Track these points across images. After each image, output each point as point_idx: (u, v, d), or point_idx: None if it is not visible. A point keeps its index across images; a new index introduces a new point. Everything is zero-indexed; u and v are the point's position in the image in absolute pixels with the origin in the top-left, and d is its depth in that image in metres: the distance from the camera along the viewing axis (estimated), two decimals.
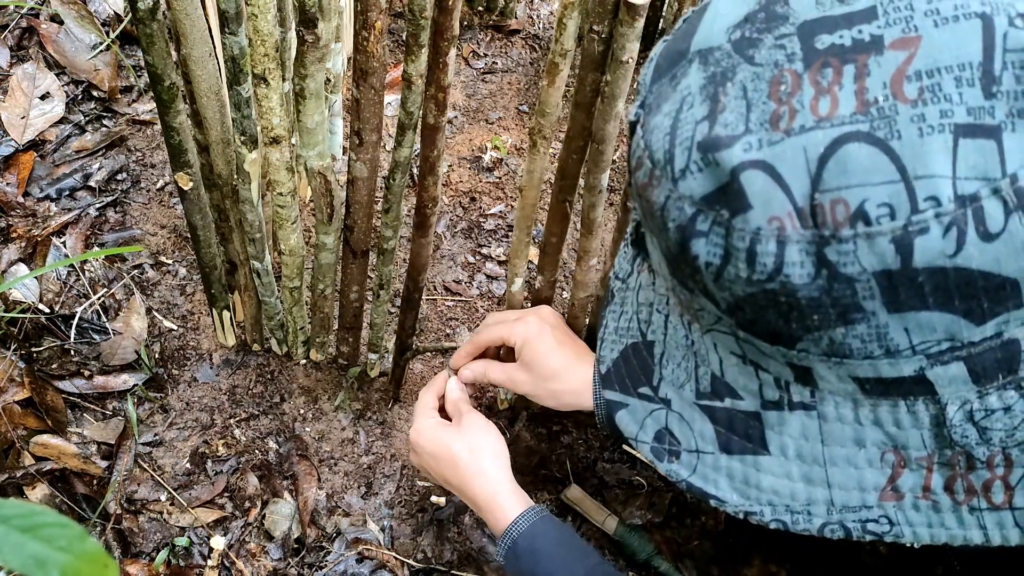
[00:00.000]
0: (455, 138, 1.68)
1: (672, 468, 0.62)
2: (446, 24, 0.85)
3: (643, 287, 0.66)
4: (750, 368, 0.57)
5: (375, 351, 1.32)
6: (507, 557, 0.98)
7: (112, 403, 1.30)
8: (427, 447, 1.06)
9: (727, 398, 0.59)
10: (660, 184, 0.54)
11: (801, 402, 0.56)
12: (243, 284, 1.24)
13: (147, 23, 0.89)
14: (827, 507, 0.57)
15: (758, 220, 0.49)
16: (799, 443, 0.57)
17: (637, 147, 0.57)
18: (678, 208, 0.52)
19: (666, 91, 0.56)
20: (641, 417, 0.64)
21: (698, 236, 0.52)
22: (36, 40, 1.63)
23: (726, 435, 0.60)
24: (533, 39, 1.86)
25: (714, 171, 0.50)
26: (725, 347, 0.57)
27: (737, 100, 0.51)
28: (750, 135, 0.49)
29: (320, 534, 1.24)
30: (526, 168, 1.00)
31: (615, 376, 0.66)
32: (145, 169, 1.54)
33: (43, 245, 1.42)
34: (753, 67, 0.51)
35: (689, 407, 0.61)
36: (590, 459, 1.35)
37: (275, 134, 0.98)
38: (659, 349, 0.63)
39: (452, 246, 1.54)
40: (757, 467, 0.59)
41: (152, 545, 1.20)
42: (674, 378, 0.62)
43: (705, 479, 0.61)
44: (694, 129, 0.52)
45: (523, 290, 1.17)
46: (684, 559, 1.28)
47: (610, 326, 0.70)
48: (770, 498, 0.59)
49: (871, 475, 0.55)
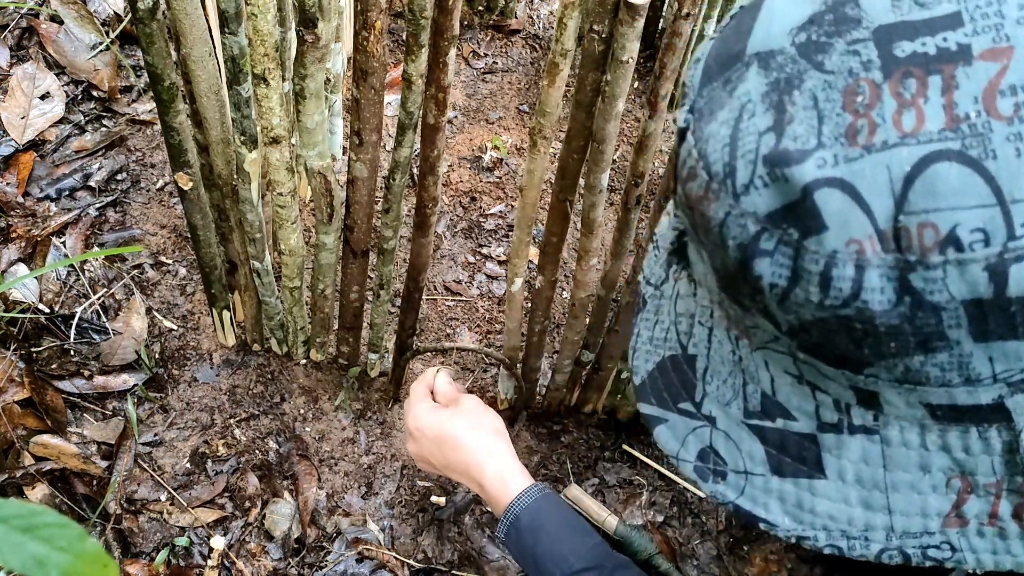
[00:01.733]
0: (455, 138, 1.68)
1: (718, 489, 0.59)
2: (446, 24, 0.85)
3: (682, 296, 0.63)
4: (806, 388, 0.55)
5: (375, 351, 1.32)
6: (508, 533, 0.99)
7: (112, 403, 1.30)
8: (427, 431, 1.06)
9: (779, 418, 0.56)
10: (719, 199, 0.50)
11: (863, 426, 0.54)
12: (243, 284, 1.24)
13: (147, 23, 0.89)
14: (886, 533, 0.55)
15: (834, 243, 0.46)
16: (859, 467, 0.55)
17: (689, 156, 0.53)
18: (740, 225, 0.49)
19: (720, 96, 0.52)
20: (682, 434, 0.61)
21: (762, 256, 0.49)
22: (36, 40, 1.63)
23: (778, 456, 0.57)
24: (533, 39, 1.86)
25: (782, 187, 0.47)
26: (779, 366, 0.55)
27: (807, 111, 0.47)
28: (823, 150, 0.46)
29: (320, 534, 1.24)
30: (526, 168, 1.00)
31: (651, 389, 0.64)
32: (145, 169, 1.54)
33: (43, 245, 1.42)
34: (823, 74, 0.48)
35: (736, 426, 0.59)
36: (590, 459, 1.35)
37: (275, 134, 0.98)
38: (702, 364, 0.61)
39: (452, 246, 1.54)
40: (812, 491, 0.56)
41: (152, 545, 1.20)
42: (719, 395, 0.59)
43: (754, 502, 0.58)
44: (758, 141, 0.49)
45: (523, 290, 1.17)
46: (684, 559, 1.28)
47: (643, 335, 0.67)
48: (825, 523, 0.56)
49: (935, 501, 0.53)
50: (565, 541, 0.96)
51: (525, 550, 0.97)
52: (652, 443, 1.38)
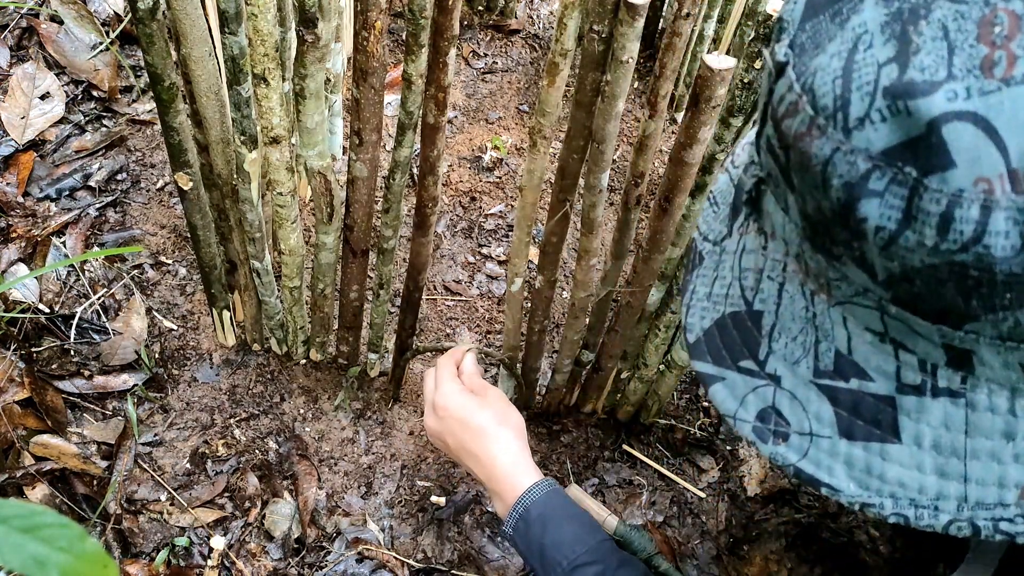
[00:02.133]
0: (455, 138, 1.68)
1: (778, 451, 0.56)
2: (446, 24, 0.85)
3: (748, 251, 0.60)
4: (889, 347, 0.52)
5: (375, 351, 1.32)
6: (516, 526, 0.99)
7: (112, 403, 1.30)
8: (453, 412, 1.06)
9: (854, 379, 0.53)
10: (825, 134, 0.47)
11: (948, 388, 0.51)
12: (243, 284, 1.24)
13: (147, 23, 0.89)
14: (958, 503, 0.52)
15: (961, 181, 0.43)
16: (938, 433, 0.52)
17: (790, 91, 0.50)
18: (848, 163, 0.46)
19: (828, 29, 0.49)
20: (742, 393, 0.58)
21: (870, 196, 0.45)
22: (36, 40, 1.63)
23: (849, 419, 0.54)
24: (533, 39, 1.86)
25: (904, 121, 0.44)
26: (860, 322, 0.52)
27: (936, 41, 0.44)
28: (955, 82, 0.43)
29: (320, 534, 1.24)
30: (526, 168, 1.00)
31: (708, 346, 0.61)
32: (145, 169, 1.54)
33: (43, 245, 1.42)
34: (955, 4, 0.44)
35: (804, 386, 0.55)
36: (590, 459, 1.35)
37: (275, 134, 0.98)
38: (769, 320, 0.57)
39: (452, 246, 1.54)
40: (884, 456, 0.53)
41: (152, 545, 1.20)
42: (787, 352, 0.56)
43: (818, 465, 0.55)
44: (877, 72, 0.45)
45: (523, 290, 1.17)
46: (684, 559, 1.28)
47: (700, 291, 0.63)
48: (893, 490, 0.53)
49: (1015, 471, 0.51)
50: (574, 533, 0.96)
51: (533, 541, 0.97)
52: (652, 443, 1.38)
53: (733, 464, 1.37)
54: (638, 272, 1.10)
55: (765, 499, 1.34)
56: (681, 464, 1.37)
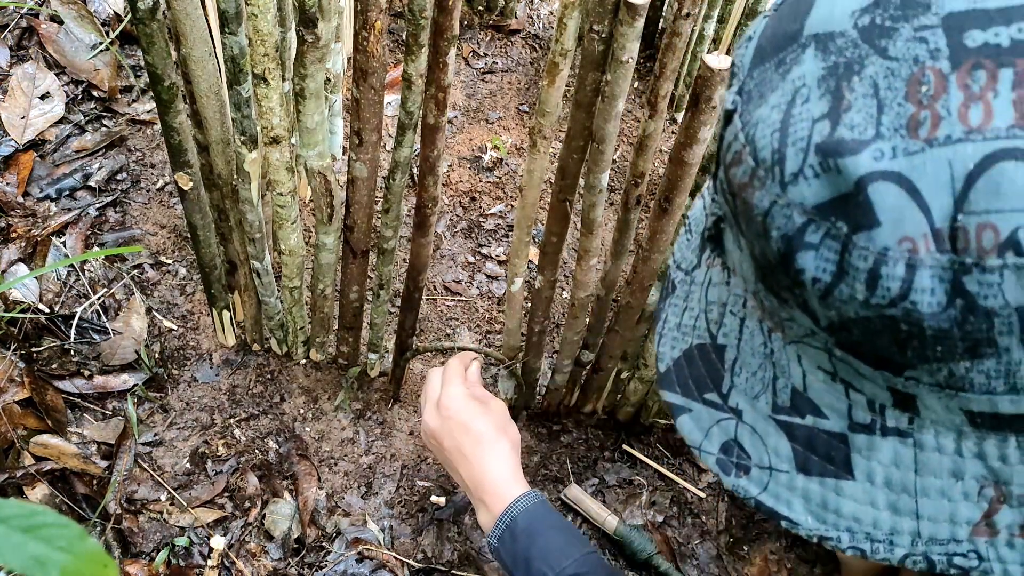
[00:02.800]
0: (455, 138, 1.68)
1: (740, 484, 0.57)
2: (446, 24, 0.85)
3: (714, 284, 0.61)
4: (839, 386, 0.53)
5: (375, 351, 1.32)
6: (502, 538, 0.99)
7: (112, 403, 1.30)
8: (458, 414, 1.07)
9: (809, 415, 0.55)
10: (764, 186, 0.48)
11: (896, 428, 0.52)
12: (243, 284, 1.24)
13: (147, 23, 0.89)
14: (912, 538, 0.53)
15: (886, 239, 0.44)
16: (889, 470, 0.53)
17: (735, 140, 0.51)
18: (785, 216, 0.47)
19: (772, 79, 0.50)
20: (707, 425, 0.60)
21: (806, 248, 0.47)
22: (36, 40, 1.63)
23: (804, 454, 0.56)
24: (533, 39, 1.86)
25: (834, 179, 0.45)
26: (812, 362, 0.53)
27: (866, 98, 0.45)
28: (882, 141, 0.44)
29: (320, 534, 1.24)
30: (526, 168, 1.00)
31: (676, 377, 0.62)
32: (145, 169, 1.54)
33: (43, 245, 1.42)
34: (886, 61, 0.45)
35: (764, 420, 0.57)
36: (590, 459, 1.35)
37: (275, 134, 0.98)
38: (731, 355, 0.59)
39: (452, 246, 1.54)
40: (838, 491, 0.55)
41: (152, 545, 1.20)
42: (747, 388, 0.58)
43: (777, 498, 0.57)
44: (811, 128, 0.46)
45: (523, 290, 1.17)
46: (684, 559, 1.28)
47: (671, 321, 0.65)
48: (849, 524, 0.55)
49: (965, 509, 0.52)
50: (560, 544, 0.96)
51: (518, 553, 0.97)
52: (652, 443, 1.38)
53: None
54: (638, 272, 1.10)
55: None
56: (681, 464, 1.37)
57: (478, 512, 1.05)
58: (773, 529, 1.31)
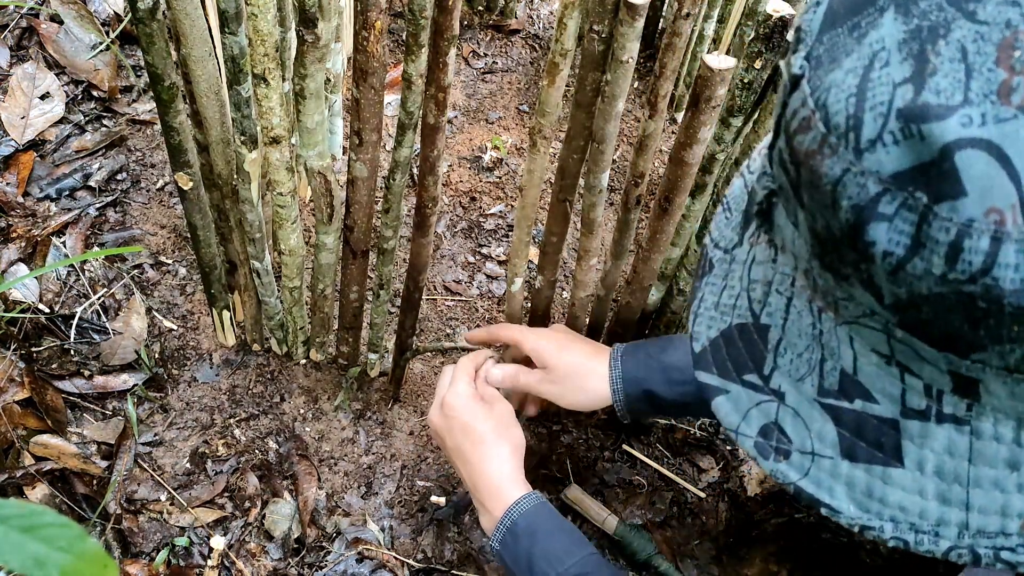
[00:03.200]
0: (455, 138, 1.68)
1: (779, 468, 0.55)
2: (446, 24, 0.85)
3: (758, 262, 0.59)
4: (895, 370, 0.51)
5: (375, 351, 1.32)
6: (503, 540, 0.98)
7: (112, 403, 1.30)
8: (461, 415, 1.06)
9: (858, 399, 0.53)
10: (836, 154, 0.46)
11: (953, 415, 0.50)
12: (243, 284, 1.24)
13: (147, 23, 0.89)
14: (959, 530, 0.52)
15: (972, 210, 0.42)
16: (941, 459, 0.51)
17: (803, 107, 0.49)
18: (858, 185, 0.45)
19: (846, 43, 0.47)
20: (745, 407, 0.57)
21: (880, 220, 0.44)
22: (36, 40, 1.63)
23: (851, 440, 0.53)
24: (533, 39, 1.86)
25: (916, 146, 0.43)
26: (866, 343, 0.51)
27: (953, 63, 0.43)
28: (971, 107, 0.42)
29: (320, 534, 1.24)
30: (526, 168, 1.00)
31: (713, 357, 0.60)
32: (145, 169, 1.54)
33: (43, 245, 1.42)
34: (975, 24, 0.43)
35: (808, 404, 0.55)
36: (590, 459, 1.35)
37: (275, 134, 0.98)
38: (775, 335, 0.56)
39: (452, 246, 1.54)
40: (885, 479, 0.53)
41: (152, 545, 1.20)
42: (792, 369, 0.55)
43: (819, 485, 0.55)
44: (892, 93, 0.44)
45: (523, 290, 1.17)
46: (684, 559, 1.28)
47: (708, 300, 0.62)
48: (894, 514, 0.53)
49: (1018, 501, 0.50)
50: (563, 545, 0.96)
51: (520, 554, 0.97)
52: (652, 443, 1.38)
53: (733, 464, 1.37)
54: (638, 272, 1.10)
55: (765, 499, 1.34)
56: (681, 464, 1.37)
57: (480, 515, 1.05)
58: (773, 529, 1.31)
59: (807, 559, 1.28)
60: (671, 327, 1.20)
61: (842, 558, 1.29)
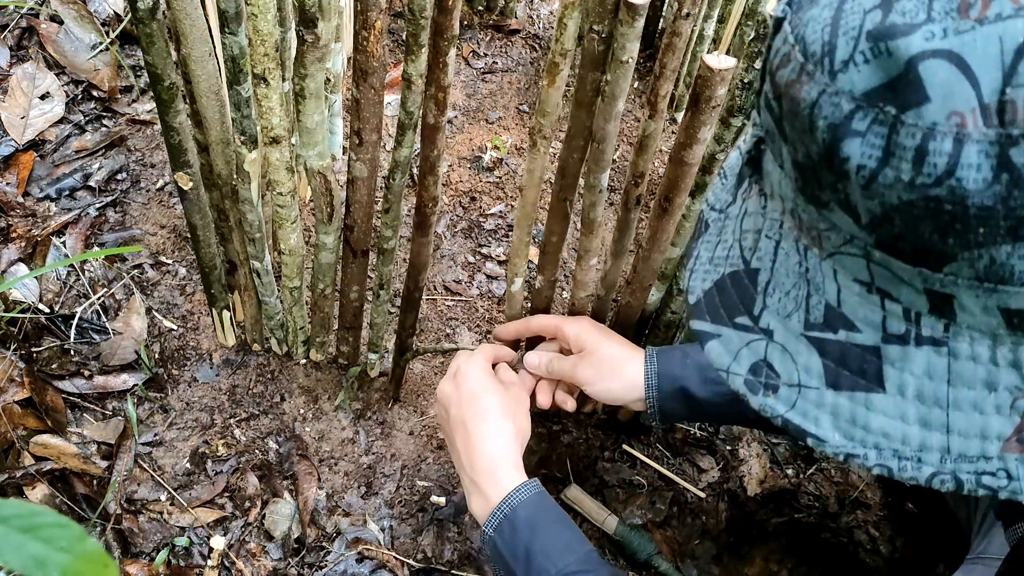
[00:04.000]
0: (455, 138, 1.68)
1: (767, 403, 0.58)
2: (446, 24, 0.85)
3: (749, 213, 0.62)
4: (875, 298, 0.53)
5: (375, 351, 1.32)
6: (500, 528, 0.95)
7: (112, 403, 1.30)
8: (470, 384, 1.03)
9: (842, 330, 0.55)
10: (813, 79, 0.50)
11: (931, 337, 0.52)
12: (243, 284, 1.24)
13: (147, 23, 0.89)
14: (941, 455, 0.53)
15: (935, 115, 0.45)
16: (921, 382, 0.53)
17: (784, 43, 0.53)
18: (833, 104, 0.48)
19: None
20: (735, 348, 0.60)
21: (853, 136, 0.48)
22: (36, 40, 1.63)
23: (836, 370, 0.56)
24: (533, 39, 1.86)
25: (885, 62, 0.46)
26: (848, 273, 0.54)
27: None
28: (933, 23, 0.45)
29: (320, 534, 1.24)
30: (526, 167, 1.00)
31: (707, 306, 0.63)
32: (145, 169, 1.54)
33: (43, 245, 1.42)
34: None
35: (795, 339, 0.57)
36: (590, 459, 1.35)
37: (275, 134, 0.98)
38: (764, 277, 0.59)
39: (452, 246, 1.54)
40: (868, 405, 0.55)
41: (152, 545, 1.20)
42: (780, 307, 0.58)
43: (805, 415, 0.56)
44: (863, 18, 0.48)
45: (523, 290, 1.17)
46: (684, 559, 1.28)
47: (703, 256, 0.66)
48: (877, 441, 0.54)
49: (997, 422, 0.52)
50: (564, 540, 0.94)
51: (518, 546, 0.93)
52: (652, 443, 1.38)
53: (733, 464, 1.37)
54: (638, 272, 1.10)
55: (765, 499, 1.34)
56: (681, 464, 1.37)
57: (470, 497, 1.00)
58: (773, 529, 1.31)
59: (807, 559, 1.28)
60: (671, 327, 1.20)
61: (842, 558, 1.30)
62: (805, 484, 1.37)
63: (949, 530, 1.13)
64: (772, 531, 1.31)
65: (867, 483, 1.38)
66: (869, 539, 1.32)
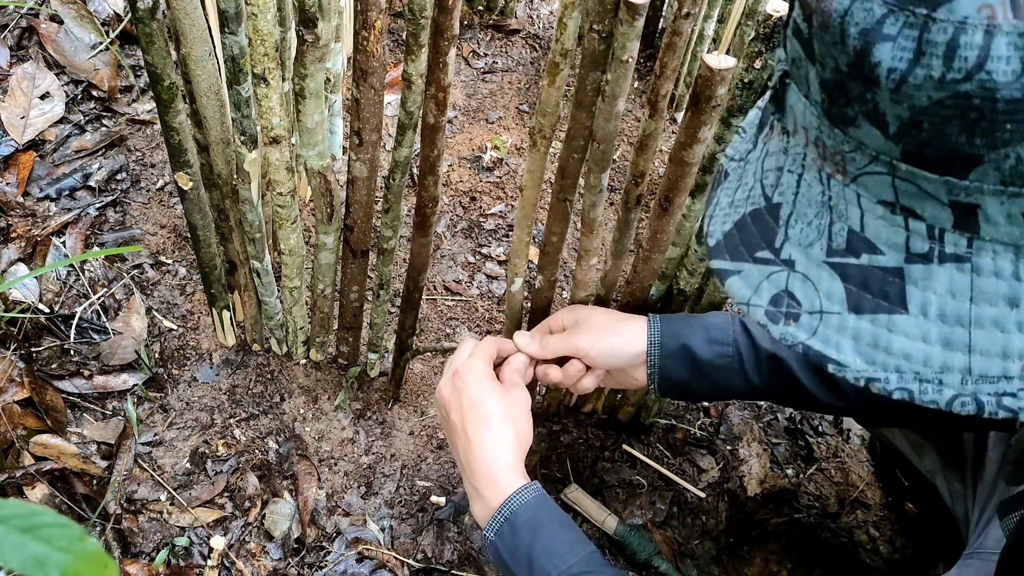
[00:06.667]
0: (455, 138, 1.68)
1: (788, 331, 0.58)
2: (446, 24, 0.85)
3: (771, 153, 0.63)
4: (899, 218, 0.54)
5: (375, 351, 1.32)
6: (500, 531, 0.94)
7: (112, 403, 1.30)
8: (469, 388, 1.01)
9: (864, 254, 0.56)
10: None
11: (954, 254, 0.53)
12: (243, 284, 1.24)
13: (147, 23, 0.89)
14: (962, 376, 0.53)
15: (966, 8, 0.46)
16: (944, 301, 0.53)
17: None
18: (865, 10, 0.49)
19: None
20: (756, 281, 0.61)
21: (884, 40, 0.49)
22: (36, 40, 1.63)
23: (858, 294, 0.56)
24: (533, 39, 1.86)
25: None
26: (872, 196, 0.55)
27: None
28: None
29: (320, 534, 1.24)
30: (526, 167, 1.00)
31: (726, 246, 0.64)
32: (145, 169, 1.54)
33: (43, 245, 1.42)
34: None
35: (816, 267, 0.58)
36: (590, 459, 1.35)
37: (275, 134, 0.98)
38: (786, 210, 0.60)
39: (452, 246, 1.54)
40: (890, 327, 0.55)
41: (152, 545, 1.20)
42: (802, 238, 0.59)
43: (826, 342, 0.57)
44: None
45: (523, 289, 1.17)
46: (684, 559, 1.28)
47: (723, 202, 0.66)
48: (899, 363, 0.55)
49: (1018, 341, 0.52)
50: (566, 542, 0.93)
51: (519, 548, 0.92)
52: (652, 443, 1.38)
53: (733, 464, 1.37)
54: (638, 272, 1.10)
55: (765, 499, 1.34)
56: (681, 464, 1.37)
57: (472, 502, 1.00)
58: (773, 529, 1.31)
59: (807, 559, 1.28)
60: None
61: (842, 558, 1.30)
62: (805, 484, 1.37)
63: (947, 529, 1.13)
64: (772, 531, 1.31)
65: (867, 483, 1.38)
66: (869, 539, 1.32)
